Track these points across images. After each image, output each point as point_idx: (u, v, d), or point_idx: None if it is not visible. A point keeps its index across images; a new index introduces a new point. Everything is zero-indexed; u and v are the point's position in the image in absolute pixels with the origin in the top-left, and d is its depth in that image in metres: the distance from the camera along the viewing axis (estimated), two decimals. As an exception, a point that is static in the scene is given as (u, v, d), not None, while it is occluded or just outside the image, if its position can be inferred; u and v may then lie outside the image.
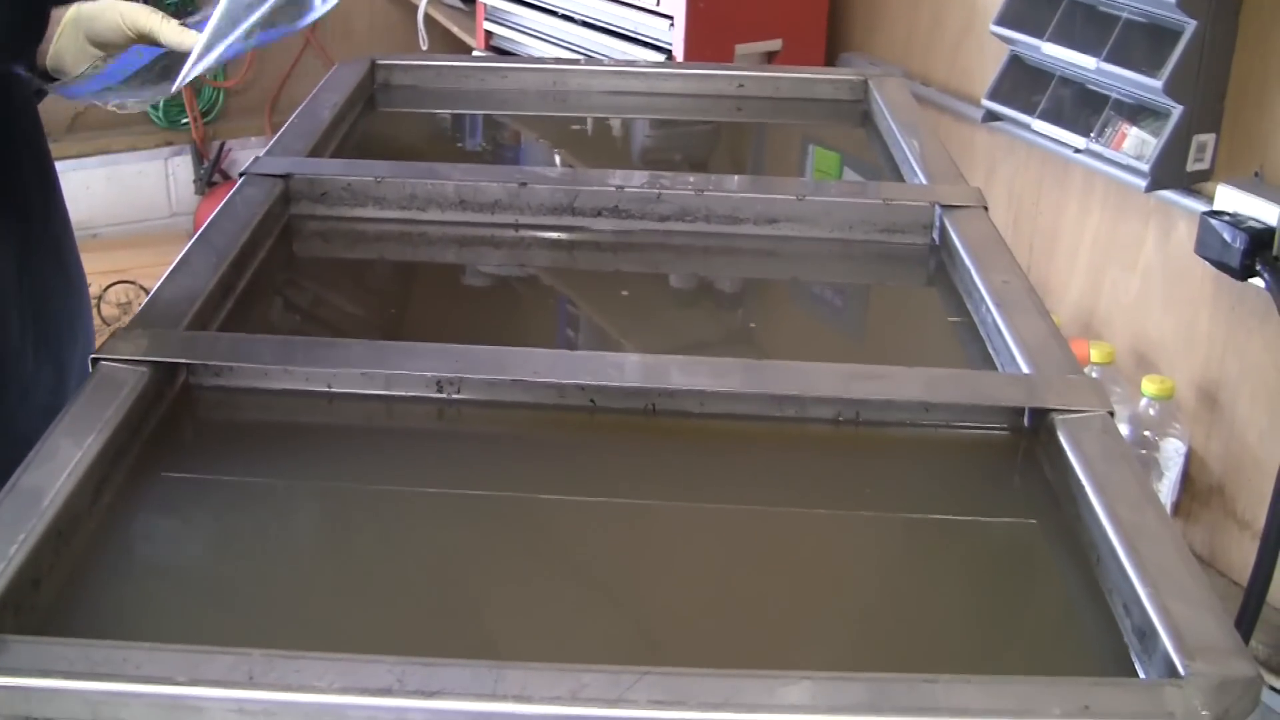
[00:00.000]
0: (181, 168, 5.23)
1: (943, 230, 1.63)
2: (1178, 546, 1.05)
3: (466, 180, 1.64)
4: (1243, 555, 2.70)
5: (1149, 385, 2.69)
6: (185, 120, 5.09)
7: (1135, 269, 2.86)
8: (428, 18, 4.60)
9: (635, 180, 1.64)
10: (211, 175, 5.18)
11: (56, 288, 1.60)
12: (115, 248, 5.04)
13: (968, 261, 1.52)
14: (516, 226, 1.63)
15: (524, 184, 1.62)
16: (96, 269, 4.84)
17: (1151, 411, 2.71)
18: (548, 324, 1.61)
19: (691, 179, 1.66)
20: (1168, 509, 2.74)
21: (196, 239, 1.50)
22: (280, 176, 1.65)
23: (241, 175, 1.66)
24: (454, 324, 1.54)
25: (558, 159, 2.05)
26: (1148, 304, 2.84)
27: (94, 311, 4.74)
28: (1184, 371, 2.77)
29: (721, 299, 1.67)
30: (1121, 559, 1.04)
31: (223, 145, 5.21)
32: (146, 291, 4.97)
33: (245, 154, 5.28)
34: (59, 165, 1.63)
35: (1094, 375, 2.73)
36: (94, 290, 4.85)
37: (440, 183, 1.64)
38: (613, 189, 1.62)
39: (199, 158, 5.18)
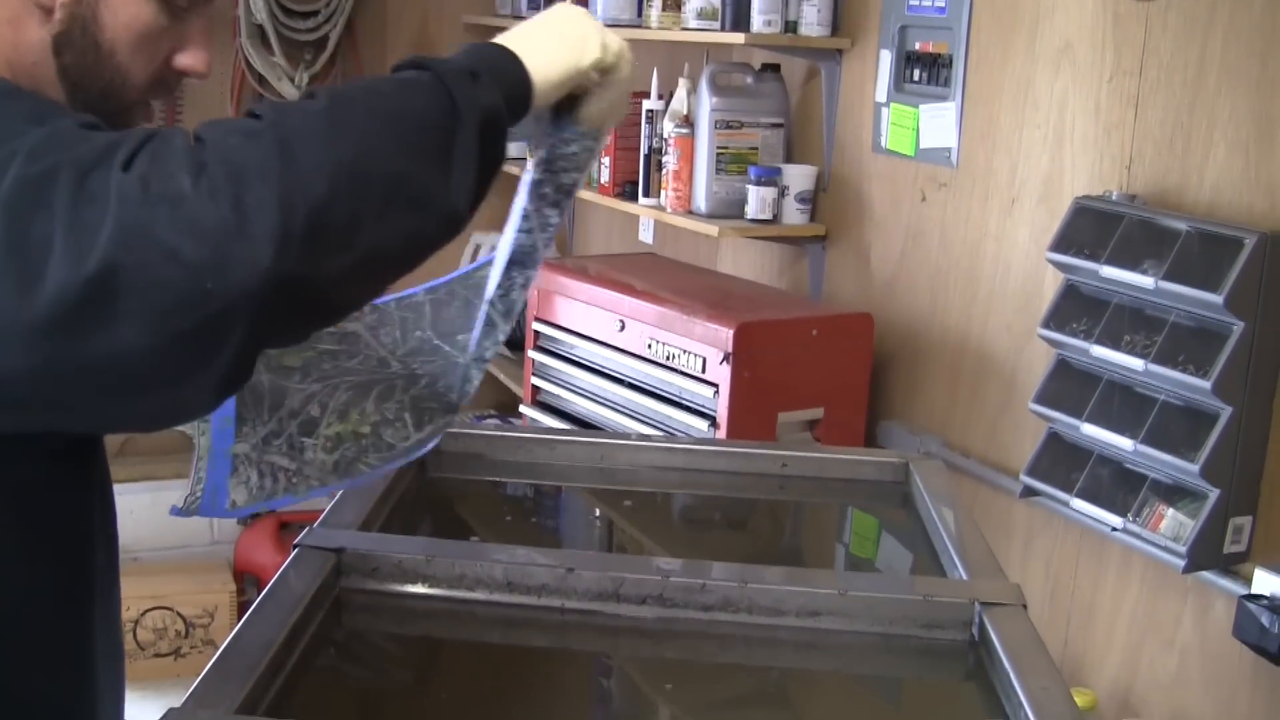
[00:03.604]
0: (226, 498, 5.28)
1: (982, 627, 1.65)
2: None
3: (514, 563, 1.67)
4: None
5: (1188, 767, 2.68)
6: (233, 451, 5.16)
7: (1173, 647, 2.86)
8: (476, 364, 4.69)
9: (680, 569, 1.67)
10: (255, 508, 5.23)
11: (110, 654, 1.61)
12: (155, 573, 5.09)
13: (1006, 664, 1.54)
14: (563, 610, 1.66)
15: (571, 569, 1.66)
16: (135, 593, 4.89)
17: (1190, 794, 2.68)
18: (585, 714, 1.63)
19: (735, 569, 1.69)
20: None
21: (249, 615, 1.53)
22: (333, 550, 1.68)
23: (295, 547, 1.69)
24: (495, 705, 1.56)
25: (604, 536, 2.08)
26: (1186, 683, 2.84)
27: (130, 636, 4.77)
28: (1224, 753, 2.76)
29: (763, 693, 1.69)
30: None
31: (268, 478, 5.27)
32: (183, 619, 5.00)
33: (289, 488, 5.33)
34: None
35: (1132, 756, 2.72)
36: (131, 614, 4.89)
37: (488, 564, 1.67)
38: (658, 578, 1.65)
39: (244, 489, 5.22)
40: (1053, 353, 2.94)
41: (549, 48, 1.41)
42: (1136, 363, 2.68)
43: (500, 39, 1.40)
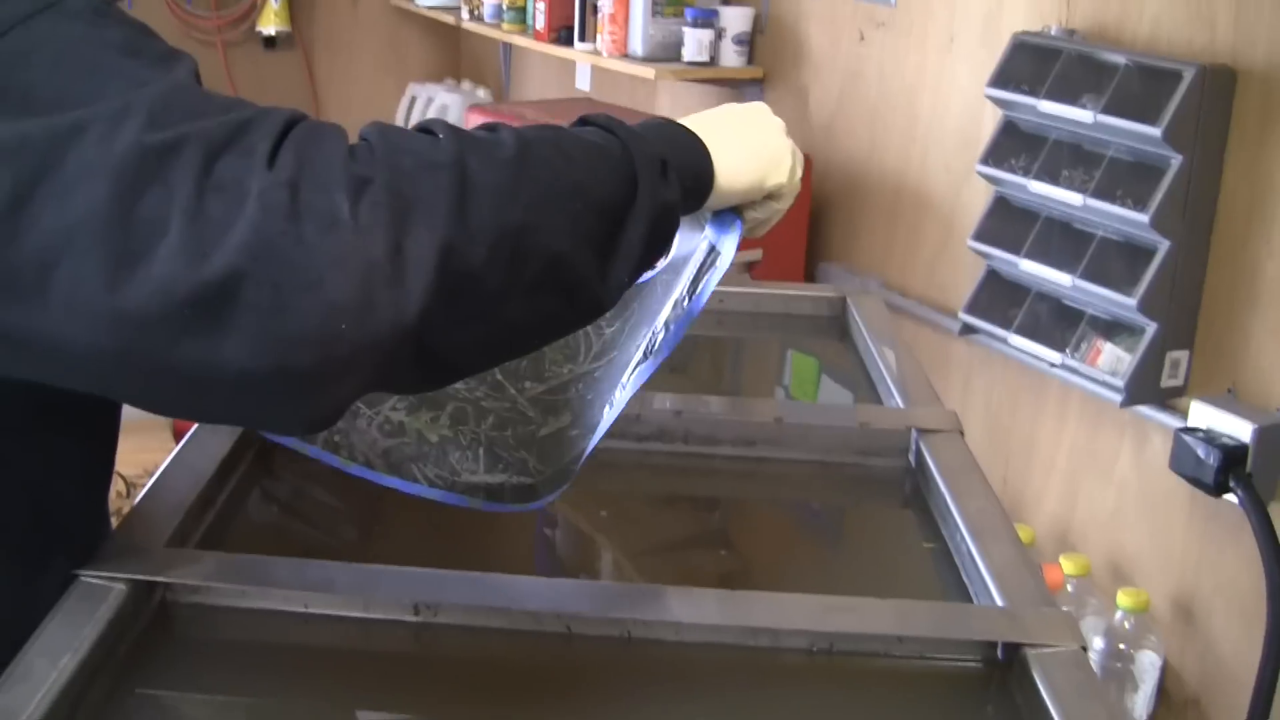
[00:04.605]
0: (164, 356, 5.23)
1: (919, 454, 1.64)
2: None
3: (448, 396, 1.65)
4: (1219, 771, 2.70)
5: (1124, 598, 2.70)
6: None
7: (1111, 482, 2.88)
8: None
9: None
10: (194, 364, 5.19)
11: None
12: (94, 434, 5.03)
13: (943, 488, 1.54)
14: (496, 442, 1.64)
15: (504, 401, 1.64)
16: (75, 456, 4.85)
17: (1127, 624, 2.71)
18: (525, 543, 1.62)
19: (670, 399, 1.68)
20: (1144, 723, 2.74)
21: (178, 452, 1.51)
22: (263, 388, 1.66)
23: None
24: (432, 542, 1.55)
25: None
26: (1123, 517, 2.86)
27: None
28: (1159, 585, 2.78)
29: (699, 522, 1.68)
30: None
31: (206, 335, 5.23)
32: (124, 479, 4.96)
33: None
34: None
35: (1069, 588, 2.75)
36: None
37: (421, 398, 1.65)
38: (593, 408, 1.64)
39: (182, 347, 5.18)
40: (991, 190, 2.93)
41: (742, 158, 1.31)
42: (1075, 198, 2.67)
43: (698, 125, 1.29)
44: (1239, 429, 2.51)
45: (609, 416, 1.32)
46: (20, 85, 1.00)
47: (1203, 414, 2.58)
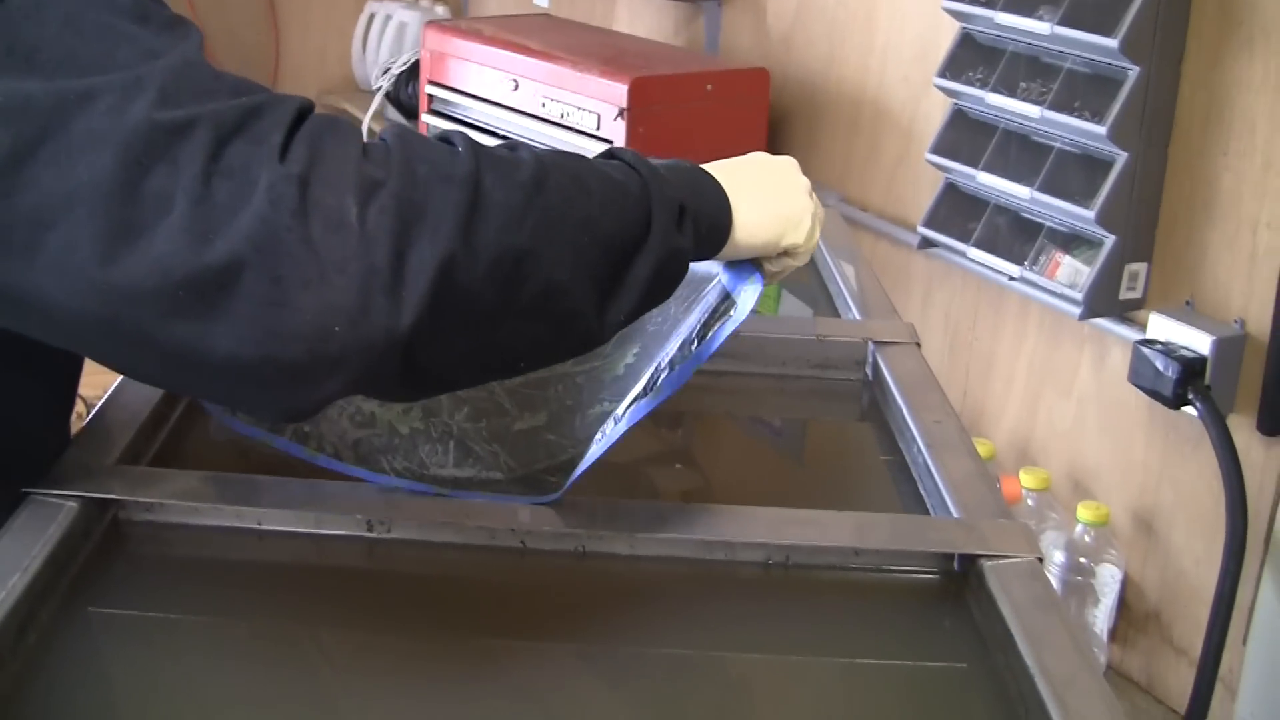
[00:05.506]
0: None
1: (875, 367, 1.64)
2: (1106, 700, 1.05)
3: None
4: (1179, 682, 2.71)
5: (1084, 511, 2.71)
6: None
7: (1070, 395, 2.89)
8: (371, 133, 4.61)
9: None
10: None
11: None
12: (53, 355, 4.99)
13: (899, 400, 1.53)
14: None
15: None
16: (33, 378, 4.82)
17: (1087, 538, 2.72)
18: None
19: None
20: (1104, 635, 2.75)
21: (129, 370, 1.50)
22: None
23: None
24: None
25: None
26: (1083, 430, 2.87)
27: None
28: (1119, 498, 2.79)
29: (654, 435, 1.67)
30: (1050, 713, 1.04)
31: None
32: (83, 400, 4.95)
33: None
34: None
35: (1029, 502, 2.75)
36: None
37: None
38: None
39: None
40: (949, 103, 2.92)
41: (763, 215, 1.29)
42: (1032, 110, 2.66)
43: (724, 175, 1.27)
44: (1197, 341, 2.51)
45: (597, 448, 1.30)
46: (27, 43, 0.99)
47: (1161, 326, 2.58)
